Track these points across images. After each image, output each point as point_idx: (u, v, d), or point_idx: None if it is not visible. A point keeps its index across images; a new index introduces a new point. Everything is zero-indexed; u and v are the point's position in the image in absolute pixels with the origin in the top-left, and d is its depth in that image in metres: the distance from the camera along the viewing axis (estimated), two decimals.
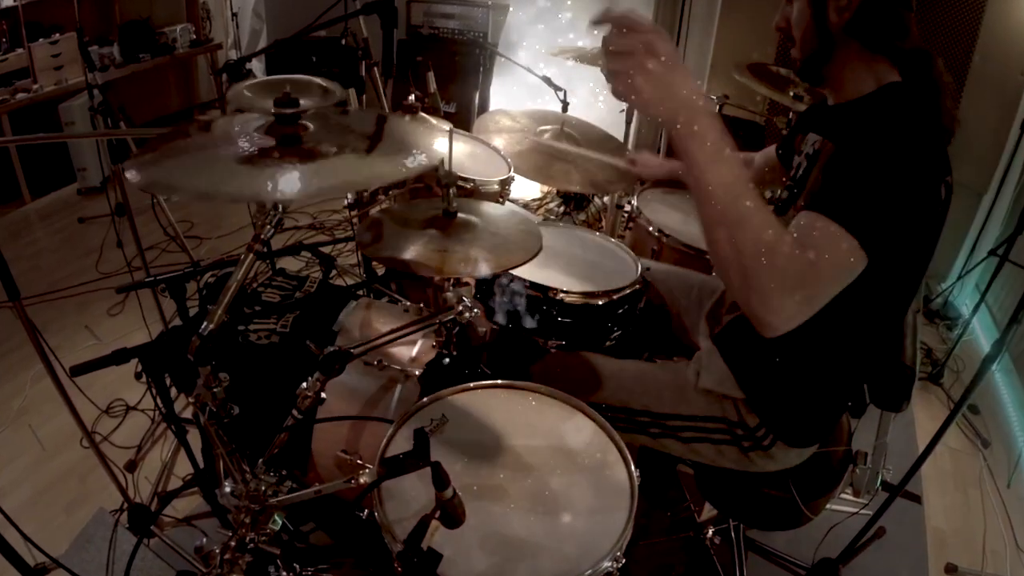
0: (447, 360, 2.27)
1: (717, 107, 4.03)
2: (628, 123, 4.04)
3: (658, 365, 2.30)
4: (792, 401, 2.03)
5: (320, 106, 1.75)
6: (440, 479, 1.43)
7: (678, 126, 1.46)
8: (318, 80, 2.60)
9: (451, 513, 1.45)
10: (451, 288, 2.20)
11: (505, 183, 2.99)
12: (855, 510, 2.69)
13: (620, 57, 1.44)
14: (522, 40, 6.16)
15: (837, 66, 1.87)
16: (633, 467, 1.83)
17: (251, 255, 1.62)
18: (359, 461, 2.08)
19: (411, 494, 1.73)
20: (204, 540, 1.78)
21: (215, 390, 1.58)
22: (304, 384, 1.77)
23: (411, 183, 2.88)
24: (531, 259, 2.07)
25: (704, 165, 1.47)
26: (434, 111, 3.20)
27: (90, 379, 2.26)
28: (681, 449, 2.18)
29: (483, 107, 6.09)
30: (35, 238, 5.17)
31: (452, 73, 5.92)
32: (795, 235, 1.52)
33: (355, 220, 3.09)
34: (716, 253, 1.52)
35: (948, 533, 3.29)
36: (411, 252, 2.02)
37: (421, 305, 2.54)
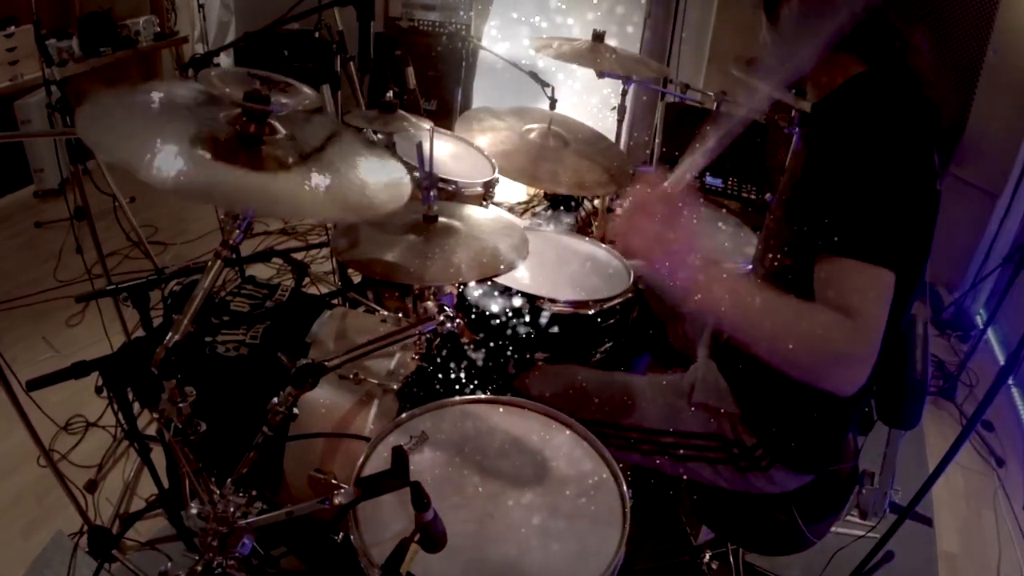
0: (427, 373, 2.28)
1: (715, 104, 4.04)
2: (620, 122, 4.05)
3: (649, 378, 2.31)
4: (792, 421, 2.04)
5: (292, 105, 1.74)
6: (420, 500, 1.44)
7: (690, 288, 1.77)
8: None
9: (431, 536, 1.46)
10: (432, 297, 2.20)
11: (489, 185, 3.00)
12: (862, 533, 2.70)
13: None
14: (507, 33, 6.17)
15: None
16: (625, 487, 1.84)
17: (219, 262, 1.62)
18: (334, 481, 2.09)
19: (389, 516, 1.73)
20: (169, 565, 1.78)
21: (180, 405, 1.58)
22: (275, 399, 1.77)
23: None
24: (517, 266, 2.08)
25: (733, 324, 1.79)
26: (413, 109, 3.20)
27: (47, 394, 2.26)
28: (675, 468, 2.19)
29: (466, 104, 6.10)
30: None
31: (433, 68, 5.93)
32: (825, 296, 1.66)
33: (329, 224, 3.10)
34: (780, 368, 1.69)
35: (960, 558, 3.31)
36: (389, 258, 2.03)
37: (400, 315, 2.55)
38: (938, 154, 1.79)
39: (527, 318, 2.42)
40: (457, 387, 2.25)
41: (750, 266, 2.31)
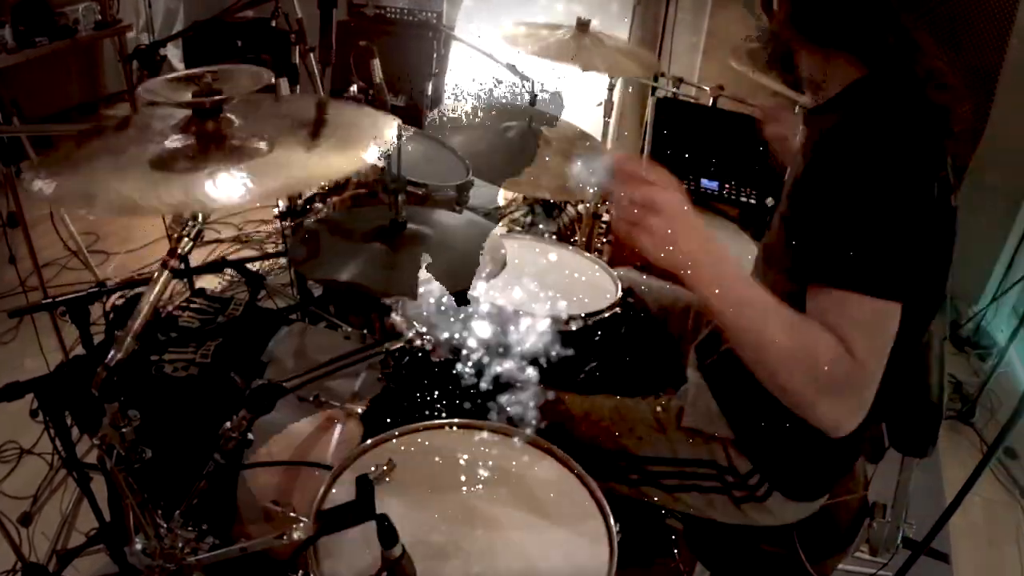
0: (395, 395, 2.28)
1: (711, 100, 4.06)
2: (606, 119, 4.06)
3: (636, 401, 2.31)
4: (790, 443, 2.03)
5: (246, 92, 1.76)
6: (387, 535, 1.44)
7: (686, 273, 1.69)
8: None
9: (399, 574, 1.46)
10: (399, 311, 2.21)
11: (463, 188, 3.01)
12: (872, 571, 2.70)
13: (623, 209, 1.70)
14: (482, 22, 6.16)
15: (802, 67, 1.98)
16: (612, 520, 1.84)
17: (166, 273, 1.63)
18: (292, 514, 2.09)
19: (353, 552, 1.73)
20: None
21: (124, 430, 1.59)
22: (228, 424, 1.77)
23: (353, 188, 2.89)
24: (493, 277, 2.09)
25: (723, 315, 1.72)
26: (380, 105, 3.21)
27: None
28: (665, 499, 2.20)
29: (437, 100, 6.09)
30: None
31: (401, 61, 5.92)
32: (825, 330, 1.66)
33: (287, 232, 3.10)
34: (766, 384, 1.72)
35: None
36: (353, 269, 2.03)
37: (364, 331, 2.55)
38: (954, 164, 1.80)
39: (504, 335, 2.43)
40: (428, 411, 2.25)
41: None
